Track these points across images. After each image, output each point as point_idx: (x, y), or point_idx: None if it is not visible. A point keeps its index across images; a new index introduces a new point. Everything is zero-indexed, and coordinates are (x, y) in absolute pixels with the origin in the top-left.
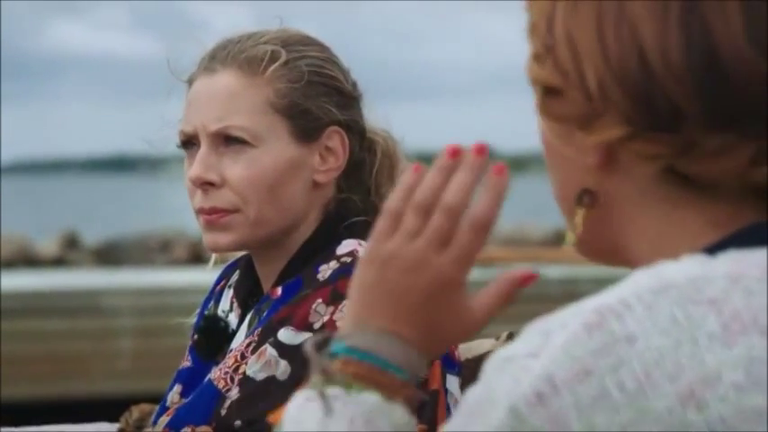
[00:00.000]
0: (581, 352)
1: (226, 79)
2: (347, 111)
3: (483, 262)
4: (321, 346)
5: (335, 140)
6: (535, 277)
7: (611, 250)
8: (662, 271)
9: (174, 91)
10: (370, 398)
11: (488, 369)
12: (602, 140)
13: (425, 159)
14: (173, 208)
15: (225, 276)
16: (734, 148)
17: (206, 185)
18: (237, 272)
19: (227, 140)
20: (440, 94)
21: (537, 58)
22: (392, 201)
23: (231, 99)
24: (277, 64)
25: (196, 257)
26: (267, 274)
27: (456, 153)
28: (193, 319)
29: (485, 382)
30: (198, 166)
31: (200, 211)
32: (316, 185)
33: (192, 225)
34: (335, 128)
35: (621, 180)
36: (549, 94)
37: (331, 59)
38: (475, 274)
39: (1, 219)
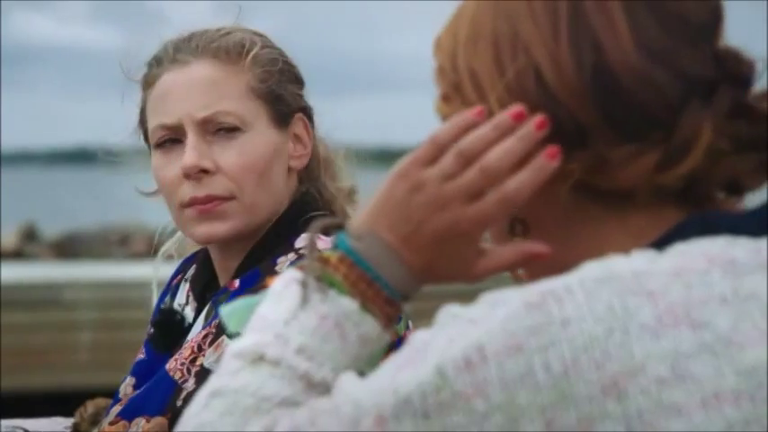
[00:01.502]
0: (516, 327)
1: (204, 69)
2: (306, 99)
3: None
4: (324, 232)
5: (301, 127)
6: (546, 256)
7: (554, 273)
8: (611, 263)
9: (129, 90)
10: (348, 304)
11: (438, 319)
12: None
13: (391, 154)
14: (132, 201)
15: (182, 270)
16: (638, 156)
17: (200, 173)
18: (194, 266)
19: (216, 127)
20: (407, 87)
21: (445, 98)
22: (442, 132)
23: (215, 86)
24: (255, 50)
25: (155, 251)
26: (227, 268)
27: (519, 117)
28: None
29: (431, 330)
30: (192, 154)
31: (192, 202)
32: (290, 172)
33: (151, 218)
34: (300, 115)
35: (545, 203)
36: None
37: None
38: None
39: None
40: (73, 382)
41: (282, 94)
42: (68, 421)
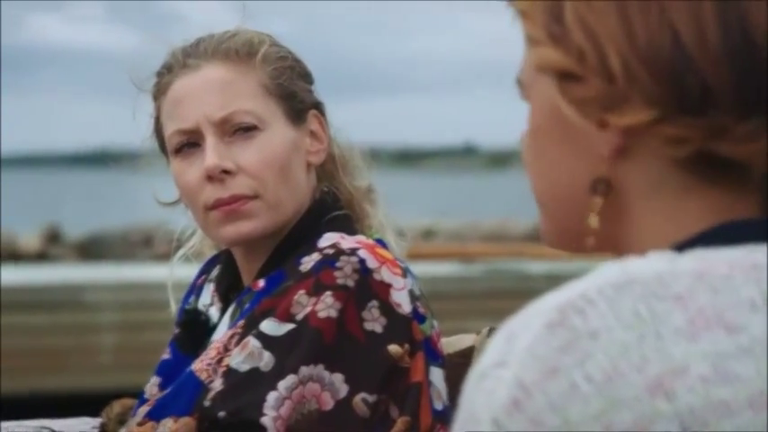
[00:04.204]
0: (545, 351)
1: (216, 71)
2: (316, 95)
3: (466, 258)
4: None
5: (316, 123)
6: None
7: (612, 243)
8: (627, 266)
9: (139, 100)
10: None
11: (467, 390)
12: (629, 124)
13: (410, 155)
14: (155, 202)
15: (206, 271)
16: (765, 132)
17: (223, 174)
18: (218, 266)
19: (234, 128)
20: (426, 89)
21: (545, 43)
22: None
23: (229, 87)
24: (264, 49)
25: (175, 254)
26: (250, 268)
27: None
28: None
29: (465, 404)
30: (212, 155)
31: (217, 203)
32: (309, 169)
33: (175, 220)
34: (314, 111)
35: (633, 169)
36: (565, 79)
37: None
38: (460, 269)
39: None
40: (96, 384)
41: (295, 90)
42: (96, 421)
